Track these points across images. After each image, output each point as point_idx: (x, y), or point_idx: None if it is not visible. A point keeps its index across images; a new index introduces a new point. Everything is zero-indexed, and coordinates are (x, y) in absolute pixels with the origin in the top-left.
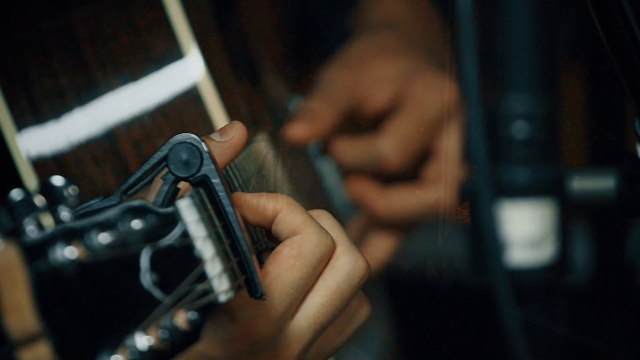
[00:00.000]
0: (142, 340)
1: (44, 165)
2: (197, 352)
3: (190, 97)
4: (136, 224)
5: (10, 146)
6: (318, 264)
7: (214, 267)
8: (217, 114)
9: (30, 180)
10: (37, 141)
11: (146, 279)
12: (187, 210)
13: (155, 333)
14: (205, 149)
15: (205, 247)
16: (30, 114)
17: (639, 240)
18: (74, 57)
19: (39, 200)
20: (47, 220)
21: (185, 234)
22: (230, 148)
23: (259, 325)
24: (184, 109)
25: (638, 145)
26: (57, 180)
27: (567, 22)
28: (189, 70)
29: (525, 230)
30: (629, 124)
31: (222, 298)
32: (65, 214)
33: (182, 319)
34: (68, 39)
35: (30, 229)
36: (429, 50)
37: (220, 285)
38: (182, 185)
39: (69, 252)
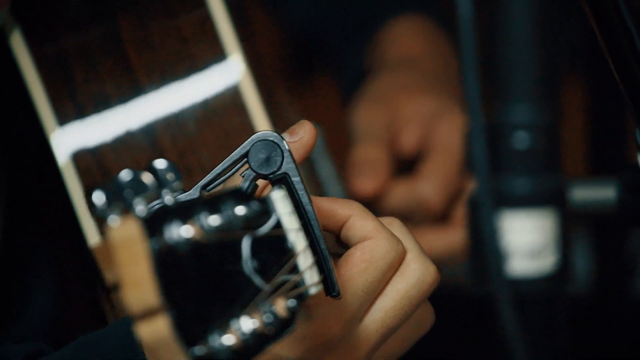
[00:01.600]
0: (248, 324)
1: (88, 170)
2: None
3: (235, 108)
4: (240, 209)
5: (54, 150)
6: (389, 269)
7: (305, 260)
8: (262, 124)
9: (74, 184)
10: (81, 146)
11: (247, 265)
12: (281, 202)
13: (259, 317)
14: (287, 146)
15: (297, 240)
16: (75, 118)
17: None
18: (120, 63)
19: (148, 180)
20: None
21: (278, 225)
22: (301, 148)
23: (330, 324)
24: (229, 120)
25: (639, 154)
26: (161, 164)
27: (568, 32)
28: (234, 81)
29: (526, 240)
30: (630, 133)
31: (313, 290)
32: (168, 197)
33: (280, 306)
34: (115, 46)
35: (141, 209)
36: (449, 88)
37: (312, 277)
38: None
39: (184, 231)
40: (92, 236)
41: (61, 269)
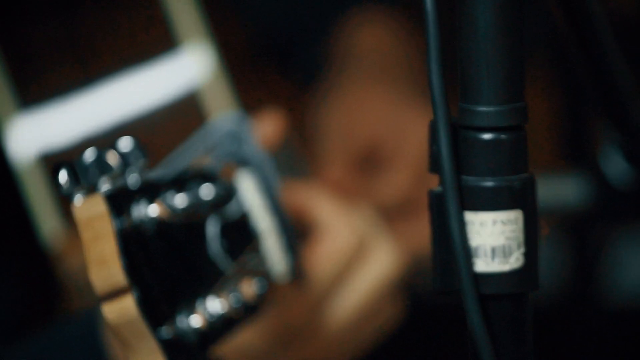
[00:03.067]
0: (214, 305)
1: (42, 165)
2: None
3: (194, 100)
4: (206, 189)
5: (8, 146)
6: (354, 256)
7: (270, 242)
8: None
9: (29, 181)
10: (35, 141)
11: (213, 245)
12: (246, 183)
13: (226, 299)
14: (252, 130)
15: (262, 222)
16: (29, 112)
17: (604, 247)
18: (75, 57)
19: (113, 159)
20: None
21: (243, 207)
22: (268, 135)
23: (295, 312)
24: (187, 112)
25: (603, 152)
26: (126, 142)
27: (535, 25)
28: (193, 73)
29: (492, 241)
30: (596, 132)
31: (278, 273)
32: (134, 176)
33: (246, 287)
34: (70, 39)
35: (107, 187)
36: (411, 81)
37: (276, 260)
38: None
39: (152, 210)
40: (49, 237)
41: (17, 271)
